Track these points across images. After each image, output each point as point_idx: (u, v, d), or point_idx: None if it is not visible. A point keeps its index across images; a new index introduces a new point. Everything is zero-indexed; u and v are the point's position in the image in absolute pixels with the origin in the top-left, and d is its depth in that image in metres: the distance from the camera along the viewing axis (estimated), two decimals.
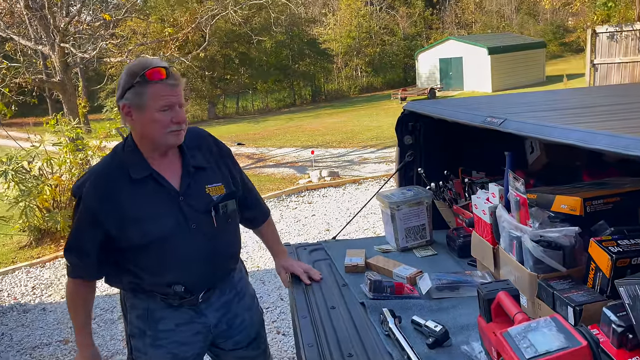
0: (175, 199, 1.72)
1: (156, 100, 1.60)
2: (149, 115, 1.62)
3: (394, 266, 2.08)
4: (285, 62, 28.45)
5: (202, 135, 1.88)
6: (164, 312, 1.82)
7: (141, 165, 1.69)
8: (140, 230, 1.67)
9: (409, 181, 2.64)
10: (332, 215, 6.89)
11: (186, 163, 1.75)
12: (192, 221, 1.73)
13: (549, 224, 1.63)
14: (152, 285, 1.78)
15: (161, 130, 1.63)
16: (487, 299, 1.36)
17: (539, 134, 1.34)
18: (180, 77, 1.67)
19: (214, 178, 1.80)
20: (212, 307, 1.88)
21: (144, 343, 1.84)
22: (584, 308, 1.36)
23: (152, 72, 1.59)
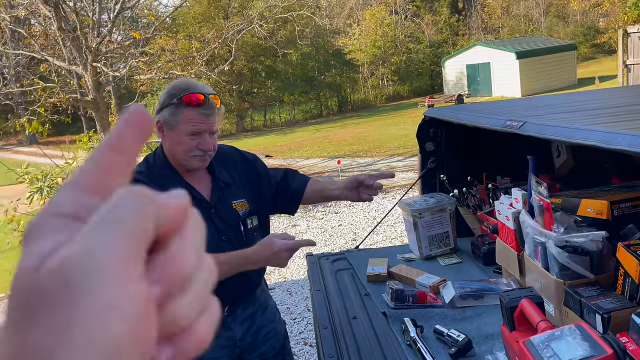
0: (207, 211, 1.76)
1: (186, 125, 1.64)
2: (177, 137, 1.67)
3: (416, 275, 2.04)
4: (311, 73, 28.65)
5: (226, 151, 1.92)
6: None
7: (174, 178, 1.74)
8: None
9: (432, 188, 2.60)
10: (358, 224, 6.86)
11: (216, 178, 1.81)
12: (223, 234, 1.78)
13: (575, 228, 1.58)
14: None
15: (185, 153, 1.68)
16: (510, 307, 1.32)
17: (559, 135, 1.30)
18: (216, 105, 1.68)
19: (238, 194, 1.84)
20: (237, 321, 1.89)
21: None
22: (613, 315, 1.31)
23: (189, 98, 1.63)
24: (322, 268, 2.37)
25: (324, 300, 1.98)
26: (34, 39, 11.12)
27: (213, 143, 1.71)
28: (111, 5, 10.64)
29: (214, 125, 1.69)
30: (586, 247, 1.49)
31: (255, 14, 14.27)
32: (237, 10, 23.07)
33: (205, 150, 1.69)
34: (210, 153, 1.71)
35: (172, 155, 1.75)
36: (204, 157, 1.71)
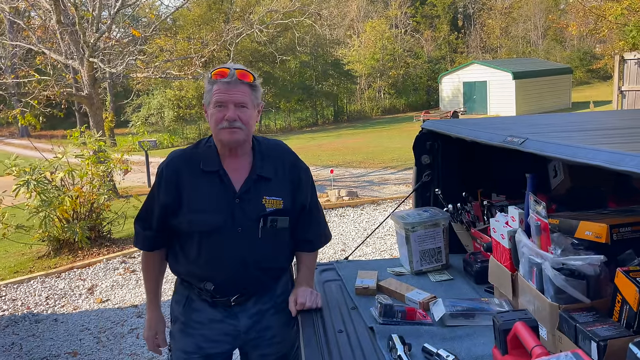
0: (232, 199, 1.79)
1: (213, 97, 1.74)
2: (209, 111, 1.78)
3: (406, 290, 1.99)
4: (308, 82, 28.66)
5: (282, 148, 1.96)
6: (201, 305, 1.90)
7: (213, 160, 1.81)
8: (190, 219, 1.78)
9: (426, 202, 2.56)
10: (348, 235, 6.80)
11: (254, 170, 1.83)
12: (239, 225, 1.80)
13: (572, 251, 1.53)
14: (188, 276, 1.88)
15: (214, 125, 1.75)
16: (503, 329, 1.27)
17: (563, 154, 1.26)
18: (243, 79, 1.75)
19: (276, 191, 1.85)
20: (246, 313, 1.90)
21: (176, 328, 1.94)
22: (609, 343, 1.26)
23: (216, 73, 1.75)
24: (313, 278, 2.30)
25: (310, 312, 1.91)
26: (32, 31, 11.01)
27: (241, 116, 1.74)
28: (112, 2, 10.57)
29: (239, 95, 1.74)
30: (583, 270, 1.45)
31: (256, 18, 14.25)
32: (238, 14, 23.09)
33: (230, 120, 1.73)
34: (237, 124, 1.74)
35: (214, 136, 1.82)
36: (232, 130, 1.74)
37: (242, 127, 1.76)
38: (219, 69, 1.77)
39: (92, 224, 6.77)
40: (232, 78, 1.74)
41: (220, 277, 1.83)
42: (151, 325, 2.01)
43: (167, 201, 1.81)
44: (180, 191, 1.80)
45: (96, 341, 4.22)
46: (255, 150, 1.87)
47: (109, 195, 7.15)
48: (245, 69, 1.79)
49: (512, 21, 39.46)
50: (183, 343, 1.90)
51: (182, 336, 1.91)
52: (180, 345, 1.91)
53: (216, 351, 1.90)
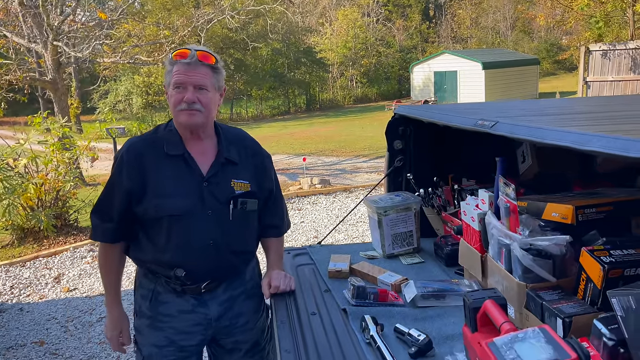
0: (200, 183, 1.76)
1: (172, 78, 1.71)
2: (168, 93, 1.75)
3: (378, 272, 2.01)
4: (280, 69, 28.43)
5: (245, 136, 1.96)
6: (168, 297, 1.84)
7: (176, 144, 1.78)
8: (157, 204, 1.73)
9: (398, 187, 2.58)
10: (321, 222, 6.82)
11: (220, 153, 1.81)
12: (208, 207, 1.77)
13: (540, 232, 1.58)
14: (157, 265, 1.81)
15: (173, 107, 1.72)
16: (473, 307, 1.30)
17: (532, 136, 1.28)
18: (204, 61, 1.72)
19: (243, 175, 1.85)
20: (216, 300, 1.87)
21: (143, 323, 1.88)
22: (574, 320, 1.31)
23: (176, 54, 1.72)
24: (283, 263, 2.30)
25: (282, 295, 1.92)
26: None
27: (200, 98, 1.72)
28: None
29: (199, 77, 1.71)
30: (550, 250, 1.49)
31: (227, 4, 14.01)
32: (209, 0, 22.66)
33: (188, 102, 1.70)
34: (196, 107, 1.71)
35: (173, 118, 1.79)
36: (191, 112, 1.71)
37: (201, 109, 1.73)
38: (181, 49, 1.74)
39: (58, 212, 6.59)
40: (192, 59, 1.70)
41: (192, 262, 1.79)
42: (115, 324, 1.93)
43: (130, 187, 1.75)
44: (144, 176, 1.74)
45: (64, 330, 4.13)
46: (219, 135, 1.85)
47: (76, 182, 6.97)
48: (207, 51, 1.76)
49: (482, 12, 39.93)
50: (154, 338, 1.85)
51: (152, 331, 1.86)
52: (151, 340, 1.86)
53: (189, 343, 1.86)
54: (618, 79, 11.67)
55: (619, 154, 0.98)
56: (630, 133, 1.09)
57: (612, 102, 2.25)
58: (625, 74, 11.59)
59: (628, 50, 11.55)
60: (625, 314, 1.08)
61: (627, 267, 1.31)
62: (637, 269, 1.32)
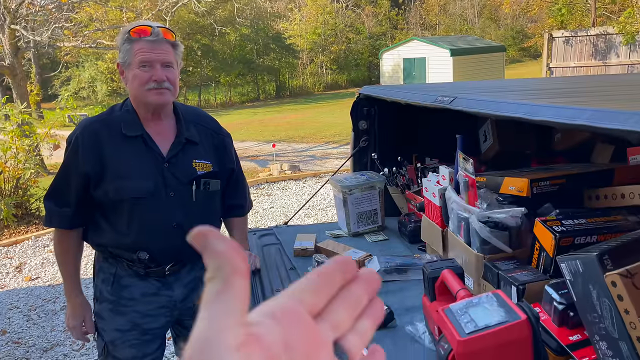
0: (160, 163, 1.73)
1: (136, 57, 1.64)
2: (131, 72, 1.67)
3: (343, 250, 2.03)
4: (249, 56, 28.08)
5: (203, 115, 1.93)
6: (131, 280, 1.80)
7: (134, 124, 1.72)
8: (117, 186, 1.69)
9: (363, 167, 2.60)
10: (290, 207, 6.82)
11: (180, 133, 1.77)
12: (170, 189, 1.74)
13: (497, 205, 1.62)
14: (118, 248, 1.77)
15: (140, 87, 1.66)
16: (432, 277, 1.33)
17: (488, 109, 1.31)
18: (167, 37, 1.68)
19: (204, 155, 1.82)
20: (181, 282, 1.85)
21: (104, 308, 1.83)
22: (527, 287, 1.35)
23: (136, 30, 1.66)
24: (248, 242, 2.30)
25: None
26: None
27: (169, 76, 1.68)
28: None
29: (165, 55, 1.67)
30: (506, 222, 1.53)
31: None
32: None
33: (158, 80, 1.66)
34: (166, 85, 1.68)
35: (134, 99, 1.73)
36: (160, 90, 1.67)
37: (170, 87, 1.70)
38: (139, 26, 1.68)
39: (19, 200, 6.39)
40: (157, 36, 1.66)
41: (155, 245, 1.76)
42: (77, 313, 1.86)
43: (88, 170, 1.69)
44: (102, 157, 1.69)
45: (26, 319, 4.04)
46: (178, 114, 1.81)
47: (37, 170, 6.77)
48: (166, 27, 1.72)
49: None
50: (116, 322, 1.81)
51: (114, 315, 1.81)
52: (113, 325, 1.82)
53: (154, 326, 1.84)
54: (580, 65, 11.99)
55: (567, 122, 1.01)
56: (579, 103, 1.13)
57: (567, 81, 2.31)
58: (586, 60, 11.91)
59: (589, 37, 11.86)
60: (573, 278, 1.12)
61: (578, 236, 1.37)
62: (587, 237, 1.37)
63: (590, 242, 1.36)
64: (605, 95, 1.44)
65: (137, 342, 1.83)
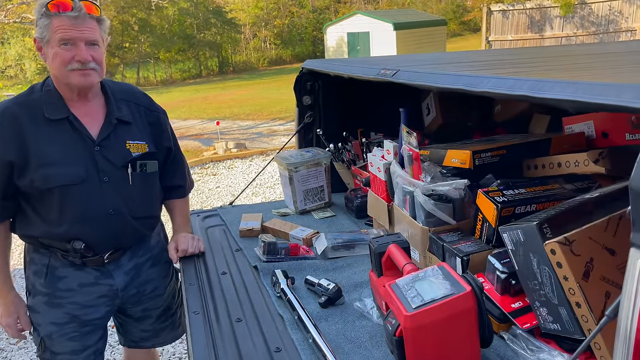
0: (91, 147, 1.62)
1: (56, 34, 1.51)
2: (51, 50, 1.53)
3: (290, 228, 2.00)
4: (189, 31, 27.14)
5: (134, 91, 1.79)
6: (66, 271, 1.70)
7: (58, 106, 1.59)
8: (44, 174, 1.56)
9: (309, 143, 2.56)
10: (237, 187, 6.72)
11: (110, 113, 1.66)
12: (104, 174, 1.63)
13: (441, 178, 1.63)
14: (50, 239, 1.66)
15: (61, 66, 1.53)
16: (378, 252, 1.32)
17: (429, 81, 1.30)
18: (91, 12, 1.54)
19: (138, 135, 1.71)
20: (121, 270, 1.77)
21: (38, 301, 1.72)
22: (471, 258, 1.37)
23: (54, 3, 1.51)
24: (192, 225, 2.22)
25: (191, 257, 1.86)
26: None
27: (94, 55, 1.56)
28: None
29: (89, 32, 1.54)
30: (449, 195, 1.54)
31: None
32: None
33: (82, 60, 1.53)
34: (91, 65, 1.55)
35: (55, 78, 1.61)
36: (85, 71, 1.55)
37: (96, 67, 1.58)
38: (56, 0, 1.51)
39: None
40: (80, 11, 1.51)
41: (91, 233, 1.65)
42: (10, 309, 1.74)
43: (9, 158, 1.55)
44: (24, 145, 1.55)
45: None
46: (107, 93, 1.69)
47: None
48: (91, 1, 1.57)
49: None
50: (52, 315, 1.71)
51: (49, 308, 1.71)
52: (49, 319, 1.71)
53: (94, 316, 1.75)
54: (517, 38, 12.36)
55: (508, 92, 1.01)
56: (519, 74, 1.13)
57: (506, 52, 2.35)
58: (523, 33, 12.29)
59: (525, 10, 12.22)
60: (515, 247, 1.14)
61: (518, 205, 1.39)
62: (526, 206, 1.40)
63: (530, 211, 1.39)
64: (545, 66, 1.46)
65: (76, 334, 1.75)
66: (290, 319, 1.40)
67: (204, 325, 1.41)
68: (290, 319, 1.40)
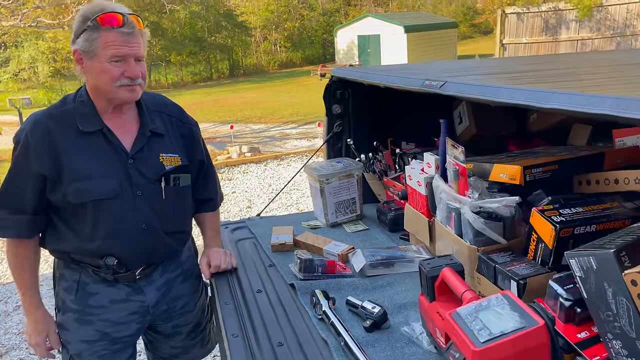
0: (124, 160, 1.57)
1: (107, 50, 1.47)
2: (98, 65, 1.48)
3: (324, 243, 1.93)
4: (200, 34, 27.21)
5: (166, 102, 1.75)
6: (98, 287, 1.65)
7: (92, 118, 1.55)
8: (78, 188, 1.51)
9: (338, 153, 2.50)
10: (253, 192, 6.67)
11: (143, 125, 1.62)
12: (137, 188, 1.58)
13: (488, 194, 1.56)
14: (82, 255, 1.61)
15: (110, 83, 1.50)
16: (431, 276, 1.25)
17: (484, 95, 1.23)
18: (139, 26, 1.51)
19: (172, 148, 1.66)
20: (153, 285, 1.72)
21: (68, 318, 1.67)
22: (528, 282, 1.29)
23: (105, 18, 1.46)
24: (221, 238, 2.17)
25: (224, 273, 1.79)
26: None
27: (141, 70, 1.52)
28: None
29: (138, 48, 1.51)
30: (500, 212, 1.47)
31: None
32: None
33: (133, 77, 1.49)
34: (139, 81, 1.52)
35: (95, 90, 1.55)
36: (133, 87, 1.52)
37: (142, 82, 1.55)
38: (107, 13, 1.47)
39: None
40: (132, 28, 1.47)
41: (124, 248, 1.60)
42: (38, 328, 1.67)
43: (42, 172, 1.51)
44: (57, 158, 1.50)
45: None
46: (140, 105, 1.64)
47: None
48: (135, 14, 1.53)
49: None
50: (82, 333, 1.66)
51: (80, 325, 1.66)
52: (79, 336, 1.66)
53: (124, 334, 1.69)
54: (531, 40, 12.23)
55: (584, 110, 0.94)
56: (582, 88, 1.05)
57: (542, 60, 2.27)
58: (537, 36, 12.15)
59: (540, 13, 12.09)
60: (584, 275, 1.07)
61: (578, 226, 1.32)
62: (586, 227, 1.32)
63: (590, 232, 1.32)
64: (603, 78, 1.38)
65: (106, 352, 1.69)
66: (335, 344, 1.33)
67: (244, 350, 1.34)
68: (335, 344, 1.34)
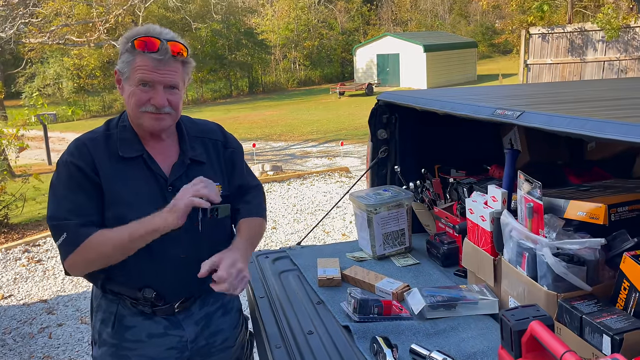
0: (163, 187, 1.50)
1: (137, 73, 1.41)
2: (129, 88, 1.44)
3: (375, 279, 1.81)
4: (221, 51, 27.53)
5: (211, 127, 1.68)
6: (135, 320, 1.55)
7: (132, 143, 1.50)
8: (117, 214, 1.44)
9: (382, 180, 2.39)
10: (277, 212, 6.56)
11: (183, 152, 1.55)
12: None
13: (564, 233, 1.42)
14: (120, 286, 1.52)
15: (136, 107, 1.44)
16: (518, 330, 1.12)
17: (582, 129, 1.10)
18: (177, 54, 1.42)
19: (212, 176, 1.54)
20: (192, 319, 1.61)
21: (105, 353, 1.56)
22: (625, 337, 1.15)
23: (141, 41, 1.41)
24: (261, 268, 2.06)
25: (270, 310, 1.68)
26: None
27: (171, 100, 1.43)
28: None
29: (171, 76, 1.42)
30: (582, 255, 1.34)
31: None
32: None
33: (158, 106, 1.41)
34: (167, 110, 1.43)
35: (129, 115, 1.50)
36: (159, 116, 1.43)
37: (171, 112, 1.45)
38: (145, 37, 1.40)
39: None
40: (165, 55, 1.39)
41: (163, 280, 1.51)
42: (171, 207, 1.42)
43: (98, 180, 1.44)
44: (99, 180, 1.44)
45: (1, 344, 3.69)
46: (181, 131, 1.57)
47: (3, 176, 6.33)
48: (178, 40, 1.45)
49: None
50: None
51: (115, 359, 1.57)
52: None
53: None
54: (556, 61, 12.05)
55: None
56: None
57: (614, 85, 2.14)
58: (563, 57, 11.98)
59: (566, 33, 11.93)
60: None
61: None
62: None
63: None
64: None
65: None
66: None
67: None
68: None
